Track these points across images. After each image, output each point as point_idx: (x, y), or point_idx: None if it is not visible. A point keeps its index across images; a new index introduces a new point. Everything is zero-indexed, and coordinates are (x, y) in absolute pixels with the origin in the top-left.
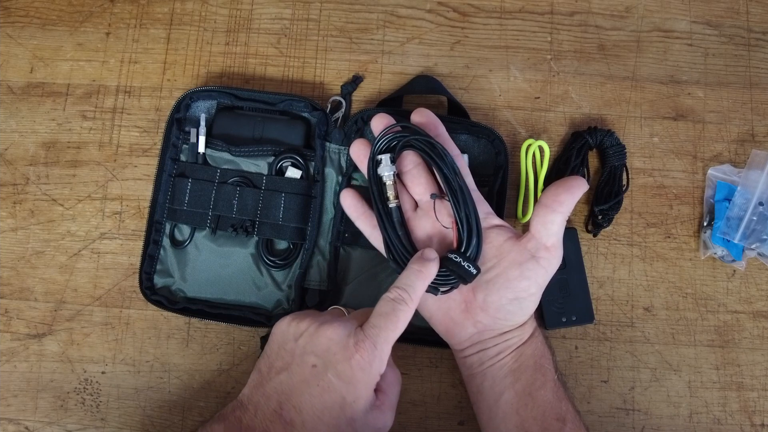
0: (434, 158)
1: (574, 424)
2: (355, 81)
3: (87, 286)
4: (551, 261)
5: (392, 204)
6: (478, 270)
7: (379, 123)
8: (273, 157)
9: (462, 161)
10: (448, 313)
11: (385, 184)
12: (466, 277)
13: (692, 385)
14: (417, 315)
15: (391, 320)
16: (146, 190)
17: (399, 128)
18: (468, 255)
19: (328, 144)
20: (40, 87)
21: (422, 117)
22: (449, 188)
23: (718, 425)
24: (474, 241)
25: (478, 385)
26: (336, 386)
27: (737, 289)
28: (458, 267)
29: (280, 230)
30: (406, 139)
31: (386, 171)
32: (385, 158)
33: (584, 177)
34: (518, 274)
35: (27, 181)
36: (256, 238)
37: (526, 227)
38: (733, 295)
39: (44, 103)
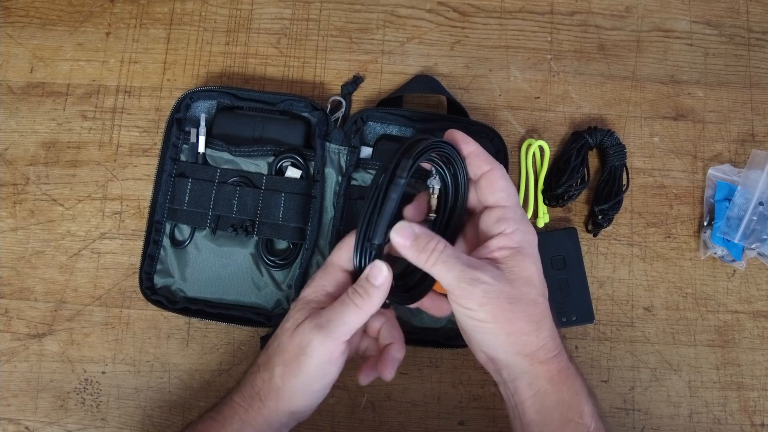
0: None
1: None
2: (356, 81)
3: (87, 286)
4: (456, 303)
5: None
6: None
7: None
8: (273, 157)
9: (498, 174)
10: (463, 328)
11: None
12: None
13: (692, 385)
14: (417, 316)
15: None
16: (146, 190)
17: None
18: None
19: (328, 144)
20: (40, 87)
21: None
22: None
23: (718, 425)
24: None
25: (512, 421)
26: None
27: (737, 289)
28: None
29: (280, 230)
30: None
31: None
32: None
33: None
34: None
35: (27, 181)
36: (256, 238)
37: None
38: (733, 295)
39: (44, 103)
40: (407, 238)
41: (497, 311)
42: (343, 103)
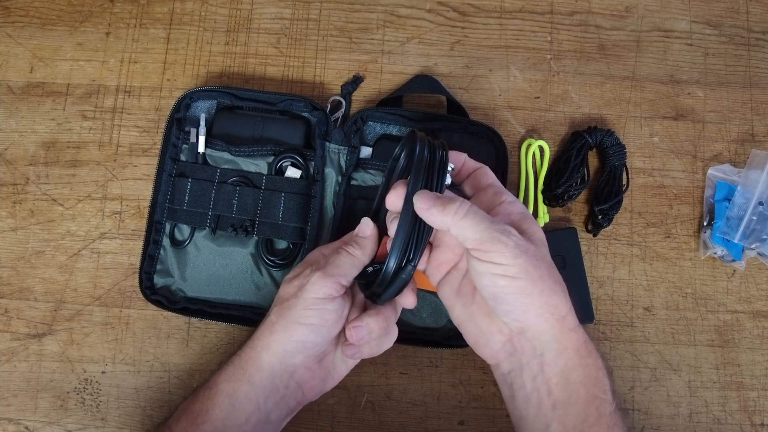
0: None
1: None
2: (356, 81)
3: (87, 286)
4: (484, 262)
5: None
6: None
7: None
8: (273, 157)
9: (487, 169)
10: (474, 319)
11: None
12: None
13: (692, 384)
14: (417, 315)
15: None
16: (146, 190)
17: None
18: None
19: (328, 144)
20: (40, 87)
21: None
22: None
23: (718, 425)
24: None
25: (521, 411)
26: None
27: (737, 288)
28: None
29: (279, 230)
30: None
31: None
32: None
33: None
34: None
35: (27, 181)
36: (255, 238)
37: None
38: (733, 295)
39: (44, 103)
40: (427, 200)
41: (530, 266)
42: (343, 103)
